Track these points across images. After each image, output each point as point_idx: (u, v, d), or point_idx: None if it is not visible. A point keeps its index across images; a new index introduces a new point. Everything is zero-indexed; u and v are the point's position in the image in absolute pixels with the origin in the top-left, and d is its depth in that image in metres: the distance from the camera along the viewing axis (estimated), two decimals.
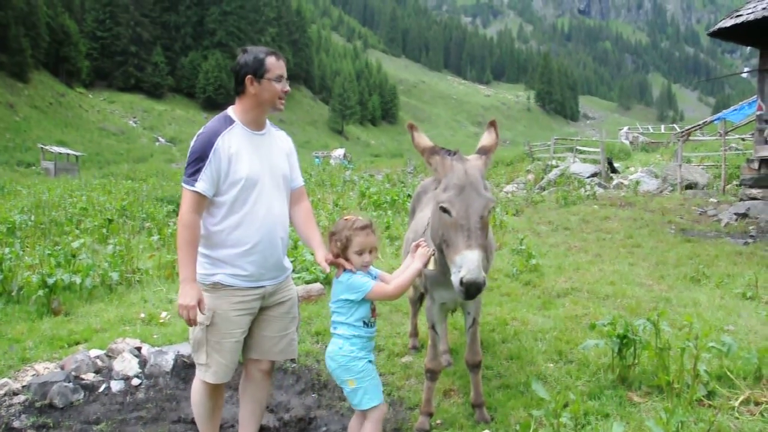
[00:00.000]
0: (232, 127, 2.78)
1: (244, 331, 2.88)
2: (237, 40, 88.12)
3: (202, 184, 2.69)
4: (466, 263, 2.57)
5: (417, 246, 2.95)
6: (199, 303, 2.67)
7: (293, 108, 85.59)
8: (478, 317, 3.54)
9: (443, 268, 2.94)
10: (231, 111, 2.87)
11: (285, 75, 2.82)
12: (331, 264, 2.82)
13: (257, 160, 2.80)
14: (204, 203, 2.74)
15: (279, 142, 3.00)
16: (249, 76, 2.75)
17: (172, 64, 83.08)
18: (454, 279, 2.62)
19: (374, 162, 49.10)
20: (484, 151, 2.99)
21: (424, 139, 2.99)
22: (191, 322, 2.69)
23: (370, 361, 2.86)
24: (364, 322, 2.83)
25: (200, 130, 2.80)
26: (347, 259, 2.80)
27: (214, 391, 2.95)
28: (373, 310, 2.88)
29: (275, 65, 2.77)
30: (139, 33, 79.97)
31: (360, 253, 2.79)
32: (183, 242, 2.69)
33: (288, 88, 2.85)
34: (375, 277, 2.90)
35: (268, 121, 2.98)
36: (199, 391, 2.95)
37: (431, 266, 2.98)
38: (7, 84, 56.89)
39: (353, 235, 2.78)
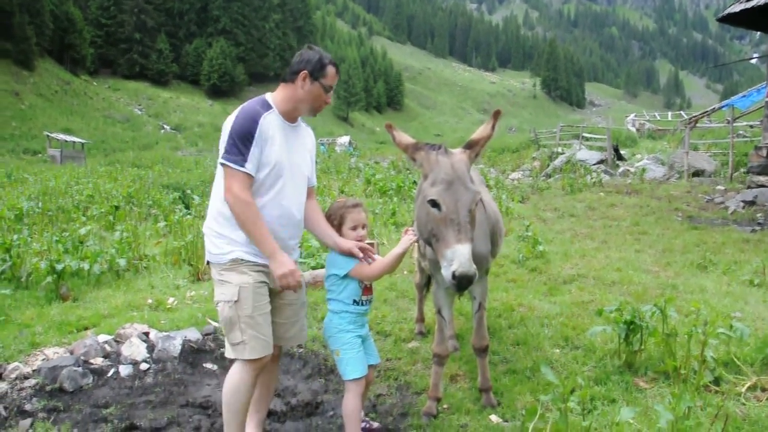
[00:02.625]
0: (270, 112, 2.78)
1: (269, 303, 2.85)
2: (241, 27, 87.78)
3: (250, 165, 2.68)
4: (458, 257, 2.61)
5: (405, 232, 3.03)
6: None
7: None
8: (485, 302, 3.56)
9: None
10: (269, 97, 2.86)
11: (334, 88, 2.87)
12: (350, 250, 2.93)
13: (286, 150, 2.81)
14: (251, 183, 2.72)
15: (306, 139, 3.03)
16: (305, 72, 2.76)
17: (176, 52, 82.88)
18: (446, 273, 2.66)
19: (379, 149, 48.87)
20: (470, 145, 2.99)
21: (405, 137, 3.04)
22: (299, 286, 2.79)
23: (358, 336, 3.02)
24: (354, 300, 3.00)
25: (238, 112, 2.75)
26: (342, 236, 3.02)
27: (256, 376, 2.84)
28: (366, 289, 3.04)
29: (333, 76, 2.83)
30: (144, 20, 79.70)
31: (354, 228, 3.02)
32: (251, 221, 2.67)
33: (330, 100, 2.89)
34: None
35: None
36: (237, 380, 2.80)
37: (415, 254, 3.04)
38: (12, 72, 56.92)
39: (346, 212, 3.04)
